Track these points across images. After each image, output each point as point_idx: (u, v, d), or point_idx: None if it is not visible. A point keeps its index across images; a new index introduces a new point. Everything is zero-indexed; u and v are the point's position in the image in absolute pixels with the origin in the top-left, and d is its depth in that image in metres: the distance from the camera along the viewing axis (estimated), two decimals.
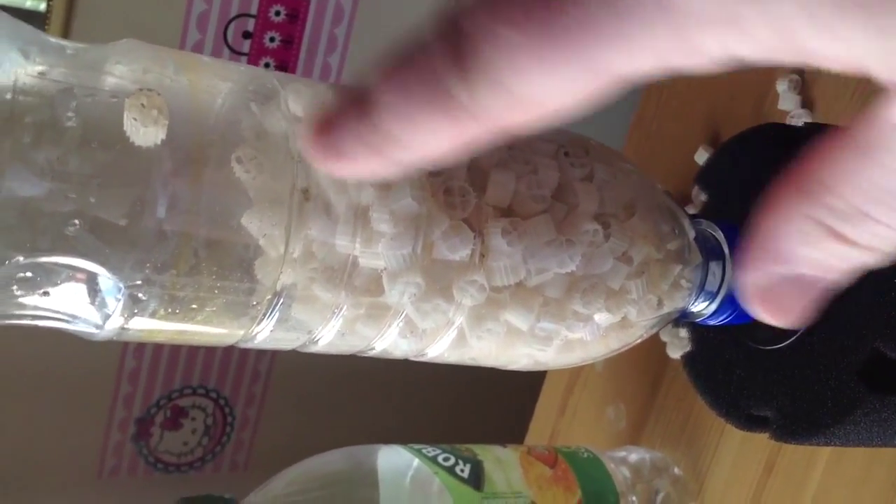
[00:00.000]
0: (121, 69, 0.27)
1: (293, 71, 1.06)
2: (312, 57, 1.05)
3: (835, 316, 0.38)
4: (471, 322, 0.33)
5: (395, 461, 0.57)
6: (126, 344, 1.04)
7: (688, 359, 0.45)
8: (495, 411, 1.10)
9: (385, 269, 0.31)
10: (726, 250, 0.39)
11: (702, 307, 0.39)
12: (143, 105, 0.26)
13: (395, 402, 1.21)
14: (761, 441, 0.55)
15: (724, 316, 0.39)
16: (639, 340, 0.37)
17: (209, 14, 0.99)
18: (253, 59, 1.04)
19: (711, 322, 0.40)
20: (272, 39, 1.02)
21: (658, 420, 0.64)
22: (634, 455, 0.63)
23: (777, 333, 0.40)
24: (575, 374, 0.71)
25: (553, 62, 0.18)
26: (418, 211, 0.31)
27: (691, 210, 0.58)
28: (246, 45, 1.02)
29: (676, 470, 0.62)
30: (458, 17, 0.18)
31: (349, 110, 0.20)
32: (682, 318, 0.39)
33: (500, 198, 0.32)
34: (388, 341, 0.33)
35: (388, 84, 0.19)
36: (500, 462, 0.57)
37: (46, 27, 0.95)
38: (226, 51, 1.01)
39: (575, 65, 0.18)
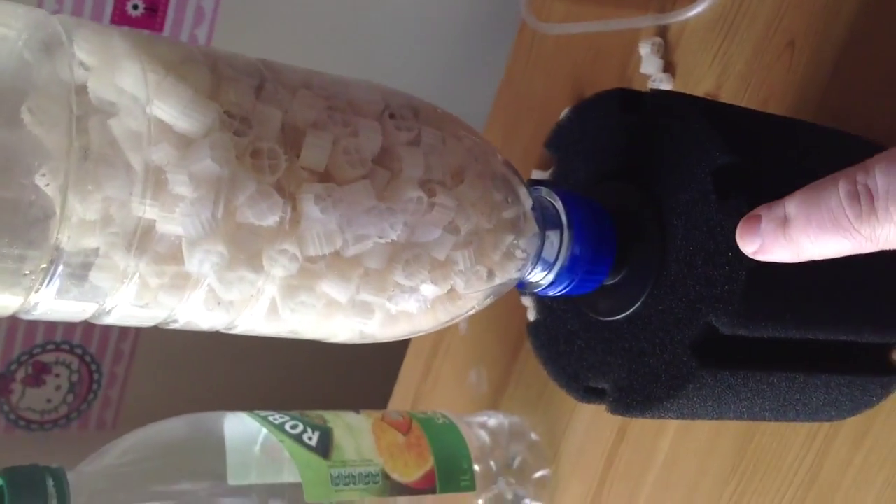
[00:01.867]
0: None
1: (163, 14, 1.00)
2: (178, 27, 1.00)
3: (670, 289, 0.37)
4: (283, 294, 0.31)
5: (242, 429, 0.54)
6: None
7: (532, 328, 0.44)
8: (363, 375, 1.09)
9: (184, 235, 0.28)
10: (564, 219, 0.38)
11: (539, 277, 0.38)
12: None
13: (268, 362, 1.18)
14: None
15: (562, 286, 0.38)
16: (471, 312, 0.36)
17: None
18: (120, 0, 0.98)
19: (550, 292, 0.39)
20: (135, 7, 0.97)
21: (518, 384, 0.64)
22: (493, 420, 0.62)
23: (616, 305, 0.39)
24: (439, 338, 0.70)
25: None
26: (220, 173, 0.28)
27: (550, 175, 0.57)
28: (107, 13, 0.96)
29: (533, 435, 0.62)
30: (867, 177, 0.28)
31: (772, 217, 0.30)
32: (520, 288, 0.38)
33: (316, 161, 0.30)
34: (193, 313, 0.30)
35: (806, 208, 0.29)
36: (351, 429, 0.55)
37: None
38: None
39: None
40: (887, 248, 0.28)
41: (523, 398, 0.64)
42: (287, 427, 0.54)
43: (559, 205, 0.38)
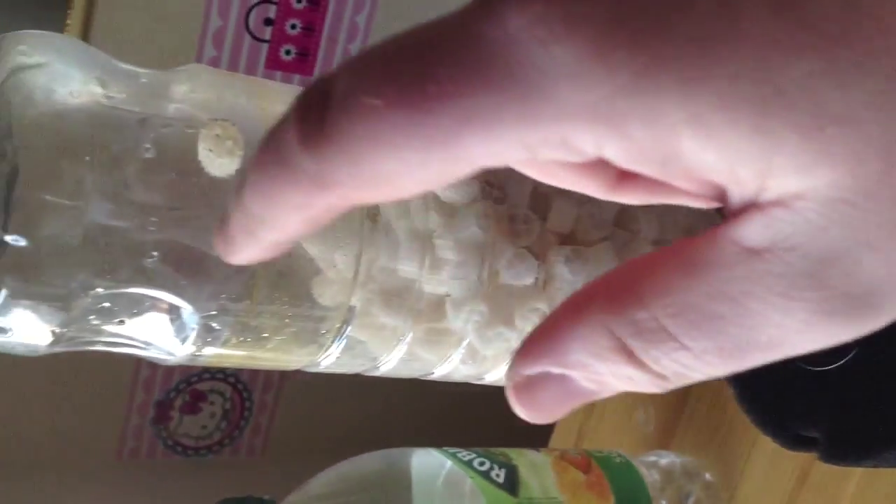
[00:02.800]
0: (194, 98, 0.27)
1: (313, 59, 1.05)
2: (333, 45, 1.04)
3: (886, 339, 0.38)
4: None
5: (429, 464, 0.57)
6: None
7: (734, 378, 0.45)
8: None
9: (449, 295, 0.31)
10: None
11: None
12: (217, 136, 0.26)
13: (413, 396, 1.21)
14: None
15: None
16: None
17: (231, 0, 0.98)
18: (274, 46, 1.03)
19: None
20: (293, 27, 1.02)
21: (689, 425, 0.64)
22: (665, 459, 0.63)
23: (828, 354, 0.40)
24: None
25: (414, 140, 0.17)
26: (483, 239, 0.30)
27: None
28: (267, 32, 1.01)
29: (708, 476, 0.62)
30: (326, 80, 0.17)
31: (234, 198, 0.19)
32: None
33: (563, 225, 0.32)
34: (450, 367, 0.33)
35: (253, 162, 0.19)
36: (535, 467, 0.57)
37: (69, 11, 0.95)
38: (247, 37, 1.01)
39: (435, 148, 0.17)
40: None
41: (695, 439, 0.64)
42: (475, 464, 0.56)
43: None
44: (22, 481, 1.03)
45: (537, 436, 0.76)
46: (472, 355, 0.32)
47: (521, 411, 0.21)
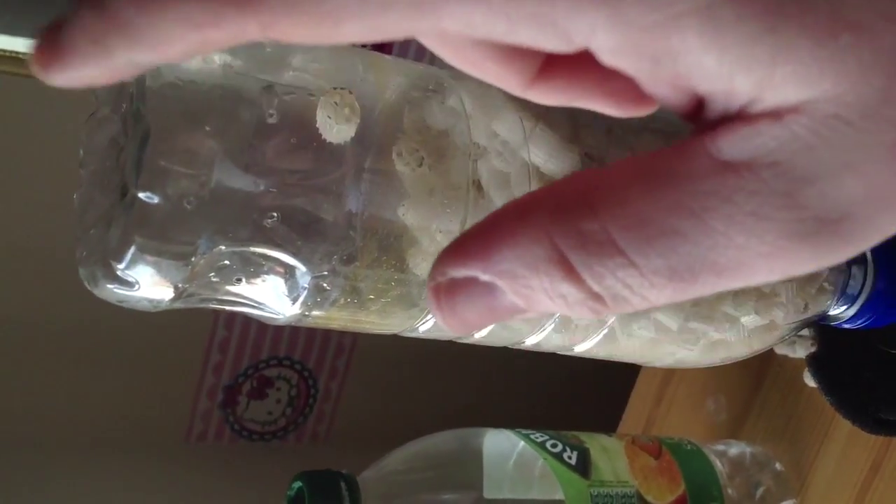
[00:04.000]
0: (314, 67, 0.29)
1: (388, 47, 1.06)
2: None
3: None
4: (622, 321, 0.34)
5: (502, 444, 0.58)
6: (217, 314, 1.07)
7: (813, 359, 0.46)
8: (588, 399, 1.11)
9: None
10: (868, 253, 0.39)
11: (840, 310, 0.39)
12: (336, 103, 0.27)
13: (473, 384, 1.22)
14: (867, 441, 0.55)
15: (863, 320, 0.39)
16: (779, 342, 0.38)
17: None
18: None
19: (848, 326, 0.40)
20: None
21: (760, 415, 0.64)
22: (735, 449, 0.63)
23: None
24: None
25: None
26: None
27: None
28: None
29: (778, 465, 0.62)
30: None
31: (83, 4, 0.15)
32: (821, 321, 0.40)
33: None
34: (541, 336, 0.34)
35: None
36: (606, 450, 0.57)
37: None
38: None
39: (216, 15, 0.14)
40: None
41: (766, 429, 0.64)
42: (548, 445, 0.57)
43: None
44: (90, 461, 1.06)
45: (607, 421, 0.76)
46: (566, 325, 0.33)
47: (438, 314, 0.18)
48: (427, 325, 0.32)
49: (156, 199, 0.26)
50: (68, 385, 1.05)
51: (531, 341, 0.34)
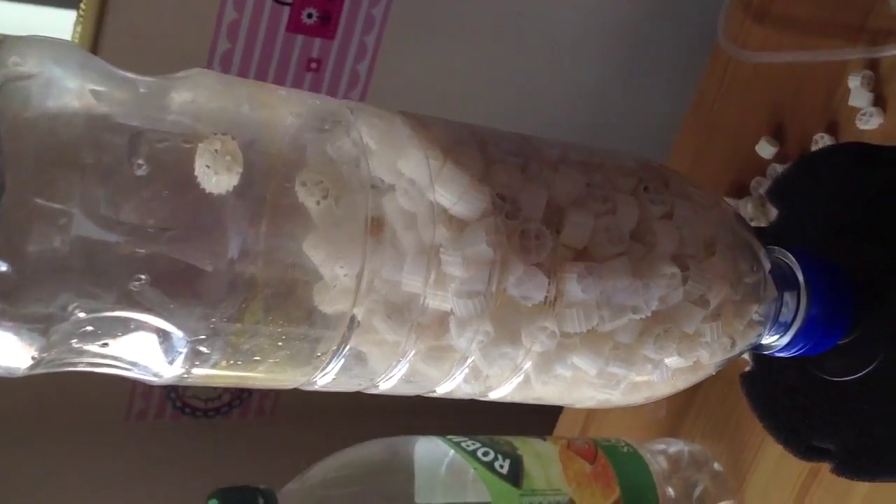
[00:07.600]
0: (194, 109, 0.26)
1: (336, 23, 1.02)
2: (356, 8, 1.02)
3: None
4: (538, 367, 0.31)
5: (432, 454, 0.56)
6: None
7: (747, 379, 0.44)
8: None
9: (453, 314, 0.29)
10: (801, 279, 0.37)
11: (772, 339, 0.37)
12: (216, 151, 0.25)
13: None
14: None
15: (797, 348, 0.38)
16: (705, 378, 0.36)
17: None
18: (296, 9, 1.01)
19: (782, 354, 0.38)
20: (310, 16, 0.99)
21: (699, 414, 0.63)
22: (674, 447, 0.62)
23: (847, 365, 0.39)
24: None
25: None
26: (492, 257, 0.29)
27: (750, 206, 0.56)
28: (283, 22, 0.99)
29: (716, 465, 0.61)
30: None
31: None
32: (754, 350, 0.38)
33: (578, 239, 0.30)
34: (452, 384, 0.31)
35: None
36: (540, 457, 0.56)
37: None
38: (268, 0, 0.98)
39: None
40: None
41: (705, 428, 0.63)
42: (479, 454, 0.55)
43: (794, 264, 0.37)
44: (30, 443, 1.04)
45: (544, 422, 0.75)
46: (476, 374, 0.31)
47: None
48: (326, 380, 0.30)
49: (5, 267, 0.23)
50: None
51: (443, 390, 0.32)
